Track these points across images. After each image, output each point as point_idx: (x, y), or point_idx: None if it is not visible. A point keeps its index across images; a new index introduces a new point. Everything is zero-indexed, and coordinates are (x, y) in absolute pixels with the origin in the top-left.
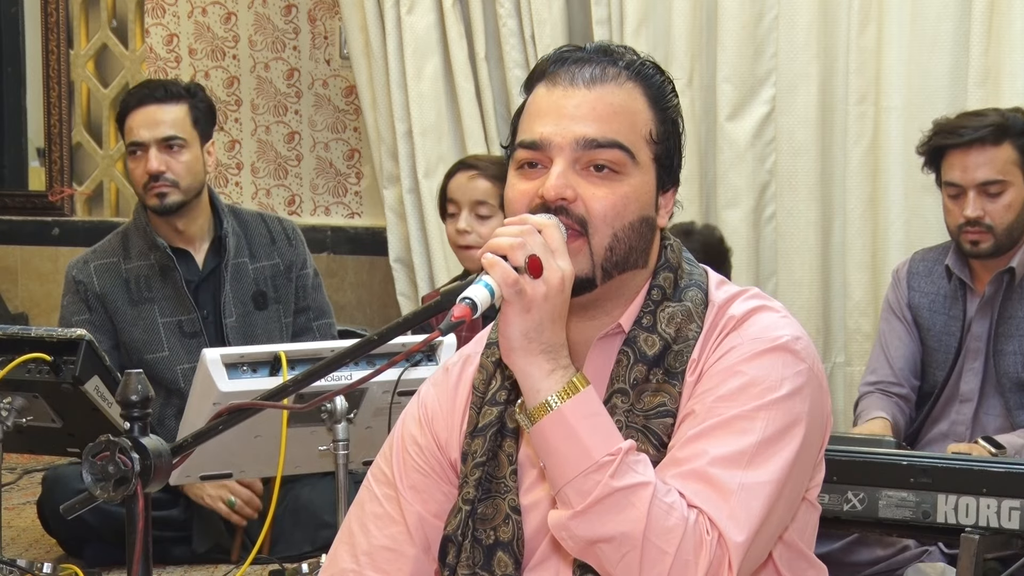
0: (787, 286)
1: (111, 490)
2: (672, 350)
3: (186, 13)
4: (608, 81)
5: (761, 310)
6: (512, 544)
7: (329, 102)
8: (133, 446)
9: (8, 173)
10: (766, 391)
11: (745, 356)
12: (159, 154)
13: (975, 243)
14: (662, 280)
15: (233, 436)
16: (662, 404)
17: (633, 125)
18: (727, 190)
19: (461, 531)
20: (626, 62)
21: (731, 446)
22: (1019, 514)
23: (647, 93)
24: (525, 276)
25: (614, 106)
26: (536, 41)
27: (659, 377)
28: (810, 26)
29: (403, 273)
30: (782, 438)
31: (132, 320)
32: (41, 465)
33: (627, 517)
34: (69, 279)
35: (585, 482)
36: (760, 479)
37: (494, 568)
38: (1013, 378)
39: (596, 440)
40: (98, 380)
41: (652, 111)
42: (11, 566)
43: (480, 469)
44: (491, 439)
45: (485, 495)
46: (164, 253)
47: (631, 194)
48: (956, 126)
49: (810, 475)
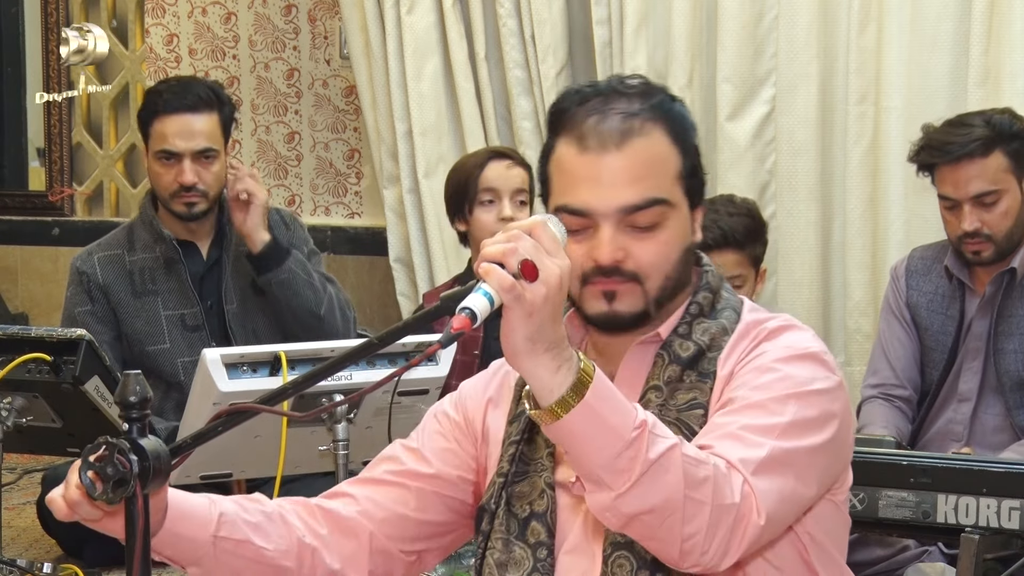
0: (787, 286)
1: (110, 491)
2: (706, 356)
3: (186, 13)
4: (634, 136)
5: (793, 328)
6: (546, 515)
7: (329, 102)
8: (132, 447)
9: (8, 173)
10: (800, 384)
11: (779, 357)
12: (193, 165)
13: (977, 253)
14: (701, 298)
15: (233, 436)
16: (694, 399)
17: (665, 172)
18: (727, 190)
19: (495, 501)
20: (643, 104)
21: (762, 420)
22: (1019, 514)
23: (668, 129)
24: (522, 281)
25: (646, 163)
26: (536, 41)
27: (692, 378)
28: (810, 26)
29: (403, 273)
30: (812, 424)
31: (135, 312)
32: (41, 465)
33: (666, 483)
34: (73, 270)
35: (620, 461)
36: (788, 446)
37: (527, 536)
38: (1014, 377)
39: (620, 419)
40: (98, 380)
41: (675, 146)
42: (11, 566)
43: (515, 447)
44: (527, 422)
45: (521, 474)
46: (170, 245)
47: (673, 237)
48: (943, 142)
49: (838, 475)
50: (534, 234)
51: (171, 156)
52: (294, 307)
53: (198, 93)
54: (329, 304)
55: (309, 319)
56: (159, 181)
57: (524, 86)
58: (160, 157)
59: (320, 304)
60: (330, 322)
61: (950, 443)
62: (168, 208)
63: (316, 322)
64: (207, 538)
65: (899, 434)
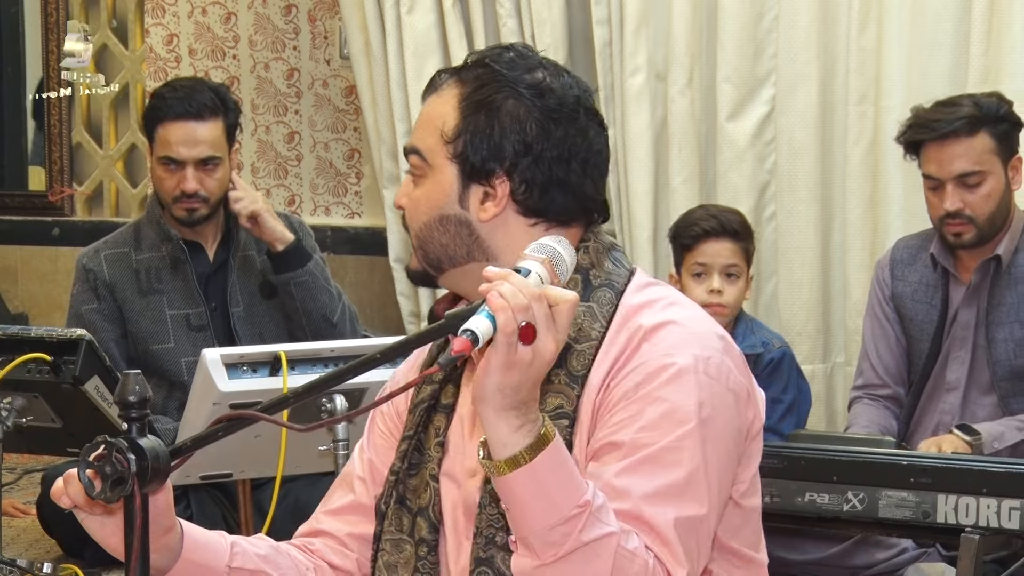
0: (787, 286)
1: (108, 491)
2: (574, 350)
3: (186, 13)
4: (432, 91)
5: (670, 325)
6: (428, 510)
7: (329, 102)
8: (130, 447)
9: (8, 173)
10: (684, 420)
11: (659, 382)
12: (196, 172)
13: (958, 235)
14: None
15: (233, 436)
16: (560, 407)
17: (432, 130)
18: (727, 190)
19: (385, 500)
20: (467, 66)
21: (662, 479)
22: (1019, 514)
23: (460, 92)
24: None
25: (424, 115)
26: (536, 41)
27: (561, 378)
28: (810, 26)
29: (403, 273)
30: (707, 463)
31: (140, 310)
32: (41, 465)
33: (593, 568)
34: (79, 267)
35: (552, 534)
36: (695, 512)
37: (414, 532)
38: (1005, 366)
39: (564, 494)
40: (98, 380)
41: (456, 109)
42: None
43: (407, 442)
44: (421, 414)
45: (413, 469)
46: (177, 245)
47: (425, 196)
48: (930, 119)
49: (731, 484)
50: (556, 309)
51: (174, 163)
52: (309, 310)
53: (203, 100)
54: (342, 313)
55: (322, 323)
56: (162, 186)
57: None
58: (163, 163)
59: (335, 311)
60: (341, 330)
61: (940, 433)
62: (170, 212)
63: (329, 328)
64: (223, 568)
65: (881, 432)
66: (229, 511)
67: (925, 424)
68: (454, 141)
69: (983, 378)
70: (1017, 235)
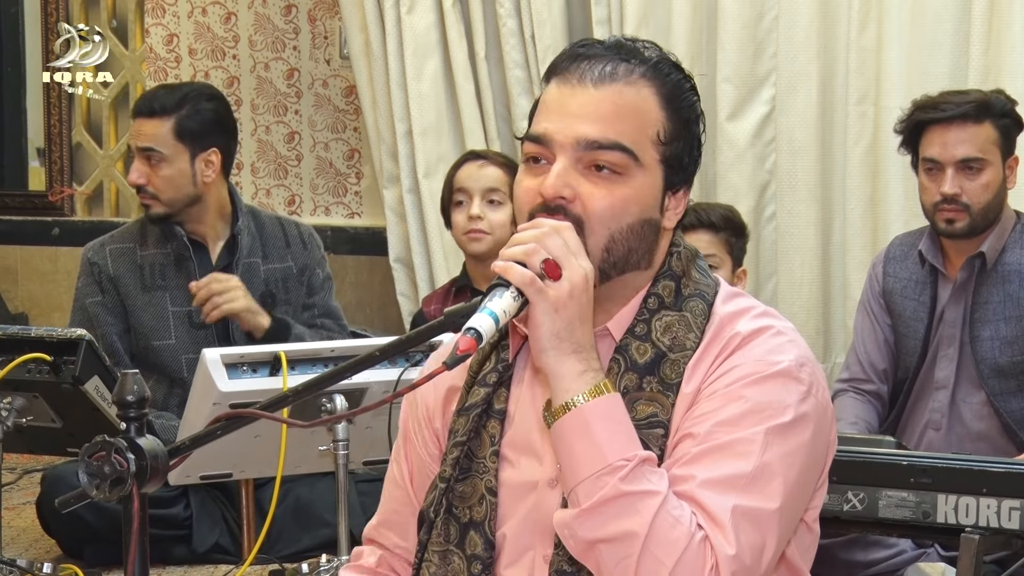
0: (787, 286)
1: (107, 490)
2: (668, 359)
3: (186, 13)
4: (618, 80)
5: (768, 331)
6: (484, 524)
7: (329, 102)
8: (129, 446)
9: (8, 173)
10: (767, 418)
11: (748, 381)
12: (140, 165)
13: (950, 221)
14: (661, 289)
15: (233, 436)
16: (654, 415)
17: (640, 126)
18: (727, 190)
19: (434, 508)
20: (641, 59)
21: (726, 469)
22: (1019, 514)
23: (660, 92)
24: (546, 280)
25: (620, 106)
26: (536, 41)
27: (653, 386)
28: (810, 26)
29: (403, 273)
30: (781, 463)
31: (143, 306)
32: (41, 465)
33: (631, 521)
34: (84, 261)
35: (596, 483)
36: (759, 505)
37: (465, 546)
38: (991, 364)
39: (614, 444)
40: (98, 380)
41: (664, 111)
42: (11, 566)
43: (459, 448)
44: (474, 419)
45: (463, 474)
46: (181, 242)
47: (632, 197)
48: (938, 102)
49: (809, 498)
50: (564, 234)
51: (132, 156)
52: None
53: (163, 100)
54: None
55: None
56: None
57: (524, 86)
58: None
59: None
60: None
61: (929, 431)
62: None
63: None
64: None
65: (867, 427)
66: (229, 511)
67: (915, 422)
68: (669, 143)
69: (972, 376)
70: (1005, 234)
